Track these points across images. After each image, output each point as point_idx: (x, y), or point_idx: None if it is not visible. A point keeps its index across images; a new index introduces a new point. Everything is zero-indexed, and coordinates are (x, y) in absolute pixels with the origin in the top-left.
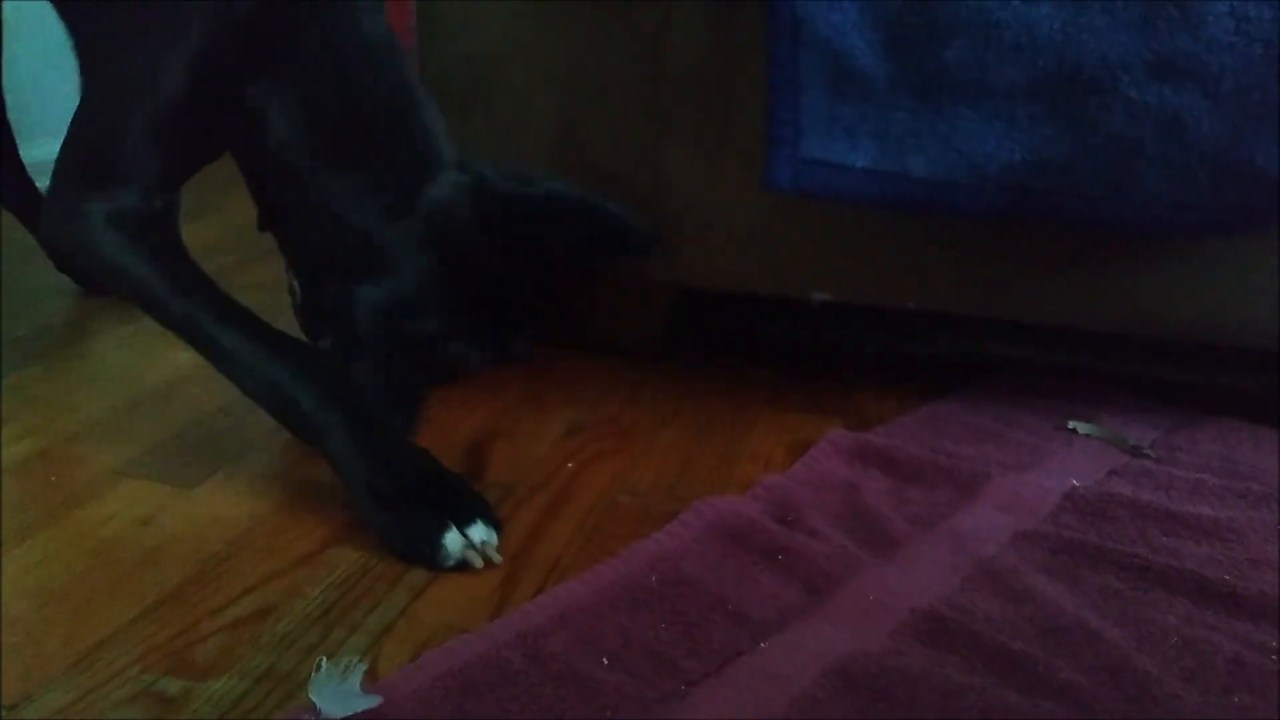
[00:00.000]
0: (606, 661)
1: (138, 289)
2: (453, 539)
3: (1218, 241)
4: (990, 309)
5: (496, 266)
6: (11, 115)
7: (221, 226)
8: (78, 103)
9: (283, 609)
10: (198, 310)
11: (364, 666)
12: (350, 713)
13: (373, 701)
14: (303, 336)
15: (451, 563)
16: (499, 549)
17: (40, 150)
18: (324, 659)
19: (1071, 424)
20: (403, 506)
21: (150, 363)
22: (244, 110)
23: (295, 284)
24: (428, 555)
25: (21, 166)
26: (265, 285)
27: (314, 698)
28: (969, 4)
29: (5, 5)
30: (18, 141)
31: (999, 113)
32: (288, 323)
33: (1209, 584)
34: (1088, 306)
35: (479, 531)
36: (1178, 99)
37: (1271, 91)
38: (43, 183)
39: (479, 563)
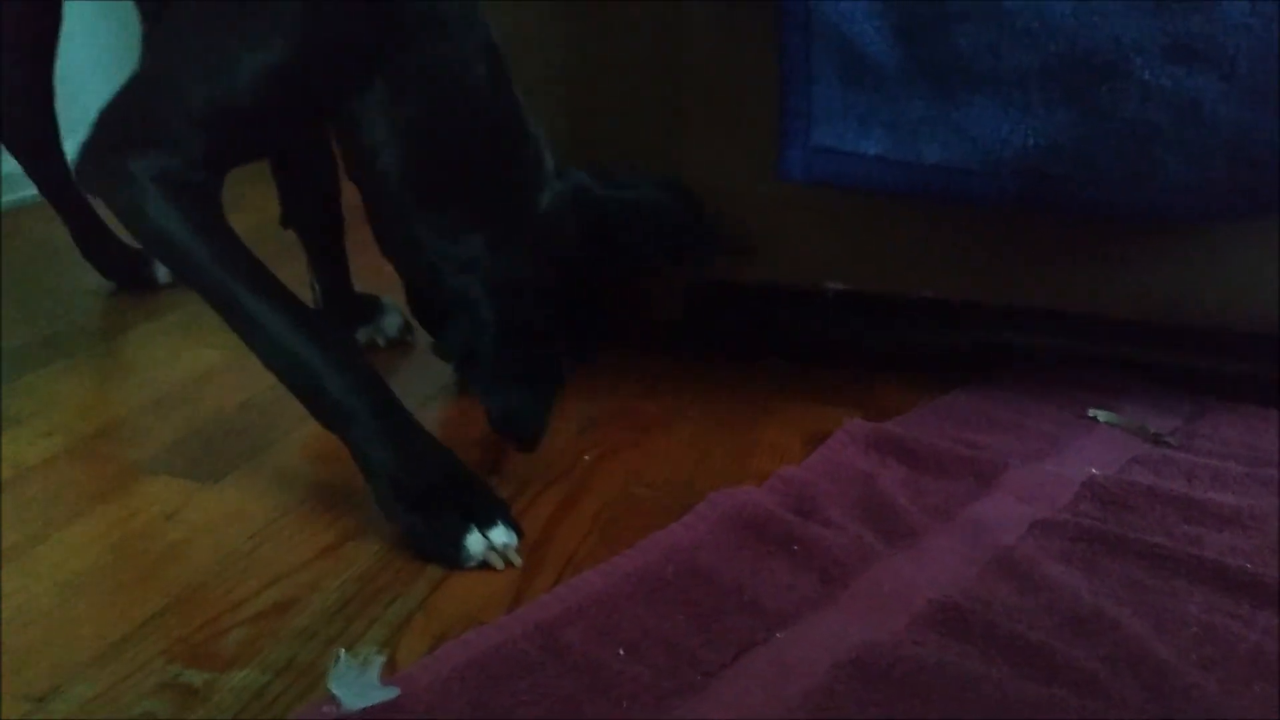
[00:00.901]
0: (623, 652)
1: (178, 252)
2: (475, 540)
3: (1236, 226)
4: (1007, 297)
5: (591, 271)
6: (60, 107)
7: (246, 222)
8: (139, 62)
9: (303, 602)
10: (236, 280)
11: (382, 658)
12: (369, 704)
13: (391, 693)
14: None
15: (473, 564)
16: (519, 550)
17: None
18: (343, 651)
19: (1092, 412)
20: (426, 505)
21: (174, 360)
22: (348, 121)
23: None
24: (450, 555)
25: (64, 160)
26: (288, 281)
27: (333, 689)
28: None
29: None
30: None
31: (1012, 99)
32: None
33: (1230, 572)
34: (1106, 293)
35: (500, 534)
36: (1193, 82)
37: None
38: None
39: (500, 564)
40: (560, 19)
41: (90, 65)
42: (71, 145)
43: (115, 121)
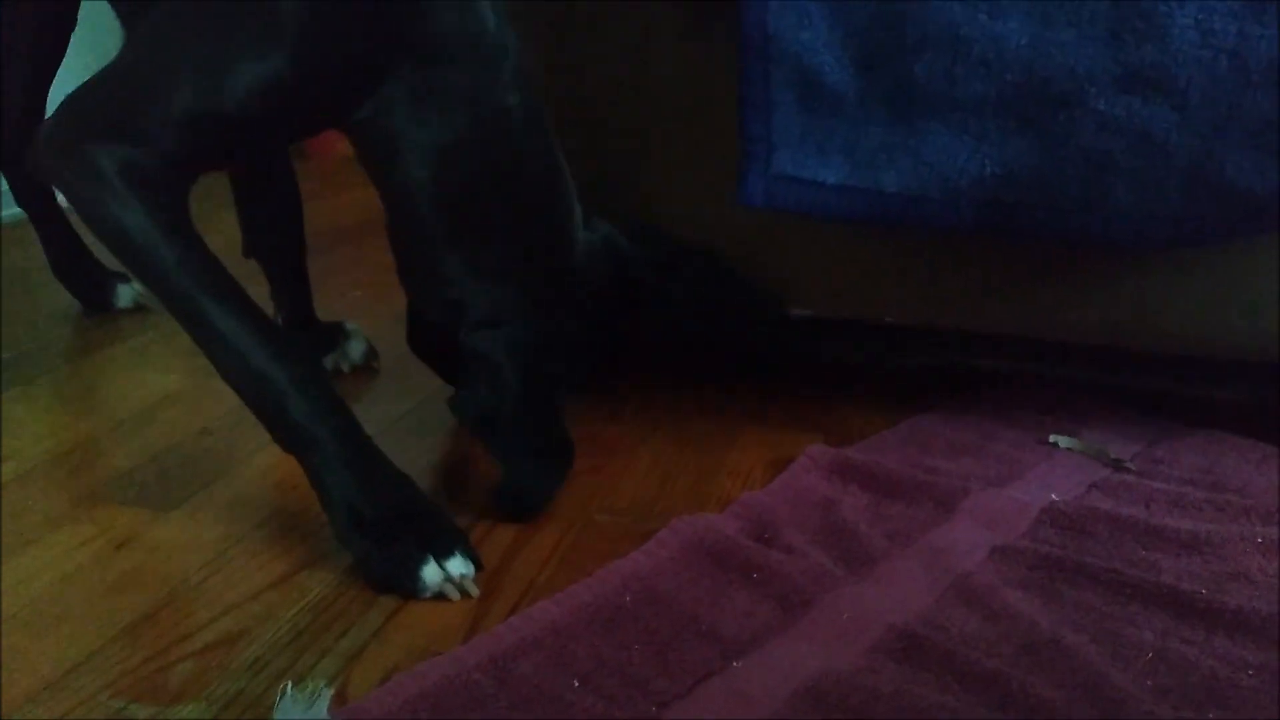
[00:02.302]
0: (577, 683)
1: (139, 252)
2: (430, 571)
3: (1194, 253)
4: (969, 322)
5: (615, 329)
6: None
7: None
8: (120, 51)
9: (254, 633)
10: (201, 289)
11: (330, 691)
12: None
13: None
14: None
15: (428, 594)
16: (476, 580)
17: None
18: (289, 684)
19: (1053, 437)
20: (382, 534)
21: (132, 386)
22: (360, 128)
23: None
24: (405, 585)
25: None
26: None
27: None
28: (937, 19)
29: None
30: None
31: (969, 127)
32: None
33: (1186, 599)
34: (1066, 318)
35: (457, 564)
36: (1146, 111)
37: (1239, 104)
38: None
39: (456, 595)
40: (528, 45)
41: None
42: None
43: (83, 109)
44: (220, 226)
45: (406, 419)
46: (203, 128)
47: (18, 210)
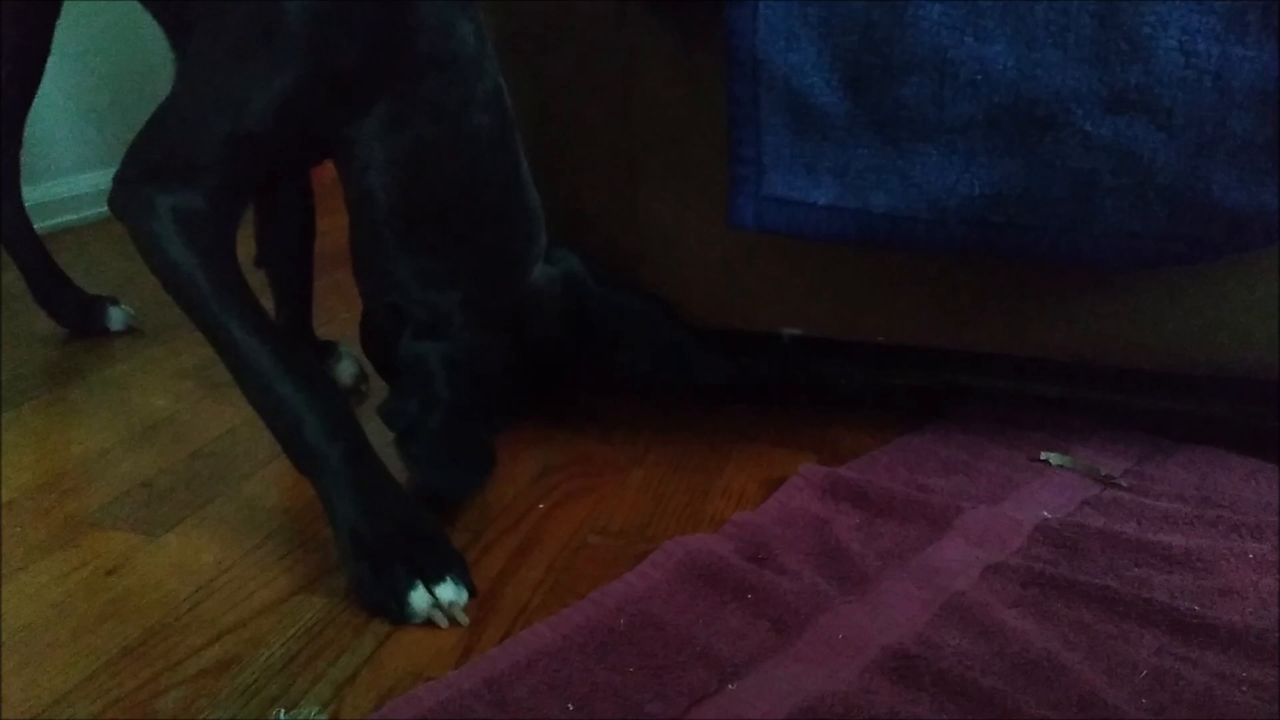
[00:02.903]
0: (572, 707)
1: (183, 286)
2: (419, 596)
3: (1181, 271)
4: (959, 341)
5: (560, 360)
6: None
7: None
8: (168, 96)
9: (246, 659)
10: (231, 317)
11: (324, 717)
12: None
13: None
14: None
15: (417, 620)
16: (467, 608)
17: (42, 192)
18: (281, 711)
19: (1044, 455)
20: (376, 556)
21: (123, 409)
22: (343, 144)
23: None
24: (393, 610)
25: (21, 204)
26: None
27: None
28: (924, 42)
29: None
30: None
31: (957, 148)
32: None
33: (1180, 615)
34: (1055, 337)
35: (448, 591)
36: (1132, 132)
37: (1223, 124)
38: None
39: (444, 622)
40: (519, 74)
41: (54, 113)
42: (30, 190)
43: (141, 154)
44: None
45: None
46: (238, 152)
47: None
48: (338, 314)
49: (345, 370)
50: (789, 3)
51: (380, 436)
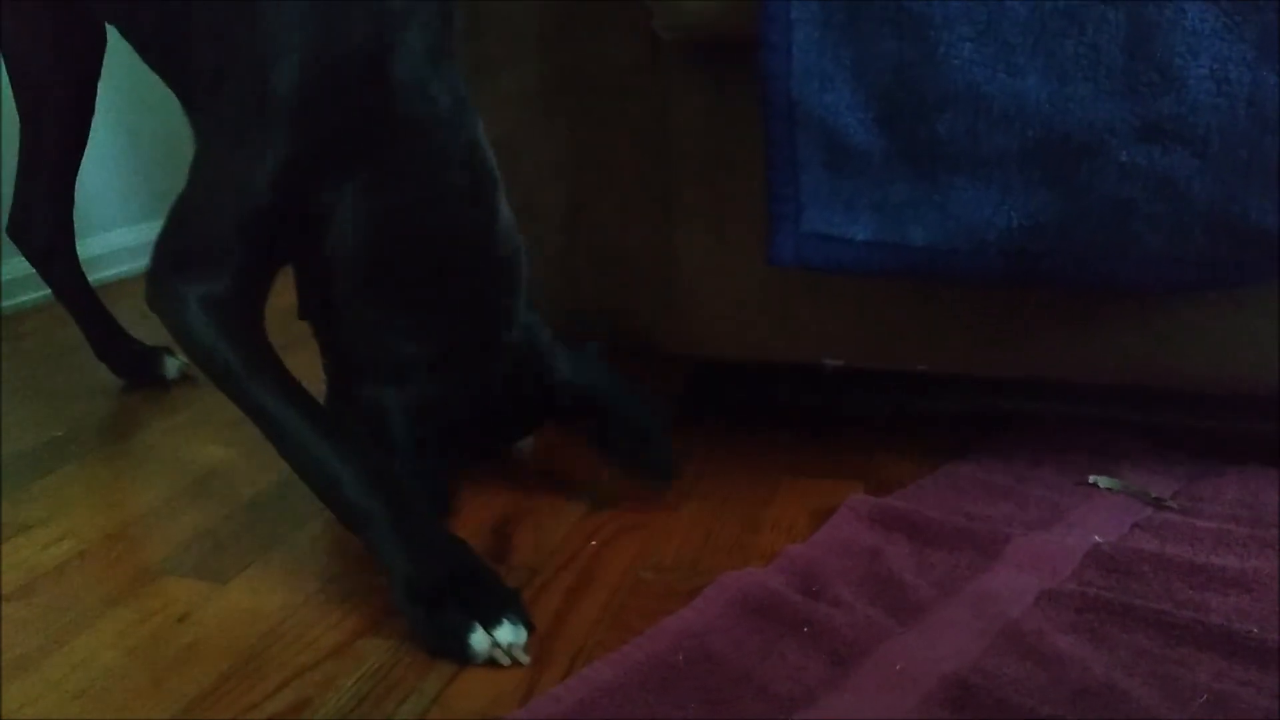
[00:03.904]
0: None
1: (216, 369)
2: (479, 639)
3: (1220, 293)
4: (1000, 368)
5: (522, 404)
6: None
7: (270, 310)
8: (184, 187)
9: (317, 702)
10: (264, 392)
11: None
12: None
13: None
14: None
15: (478, 661)
16: (526, 647)
17: (91, 245)
18: None
19: (1092, 478)
20: (433, 602)
21: (183, 458)
22: (317, 210)
23: (326, 375)
24: (456, 653)
25: (77, 262)
26: (305, 366)
27: None
28: (957, 79)
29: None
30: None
31: (993, 180)
32: None
33: (1237, 638)
34: (1097, 360)
35: (506, 633)
36: (1167, 160)
37: (1258, 149)
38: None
39: (506, 661)
40: (556, 117)
41: (101, 168)
42: (83, 247)
43: (165, 248)
44: (279, 288)
45: (458, 482)
46: (250, 232)
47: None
48: None
49: None
50: (822, 45)
51: None
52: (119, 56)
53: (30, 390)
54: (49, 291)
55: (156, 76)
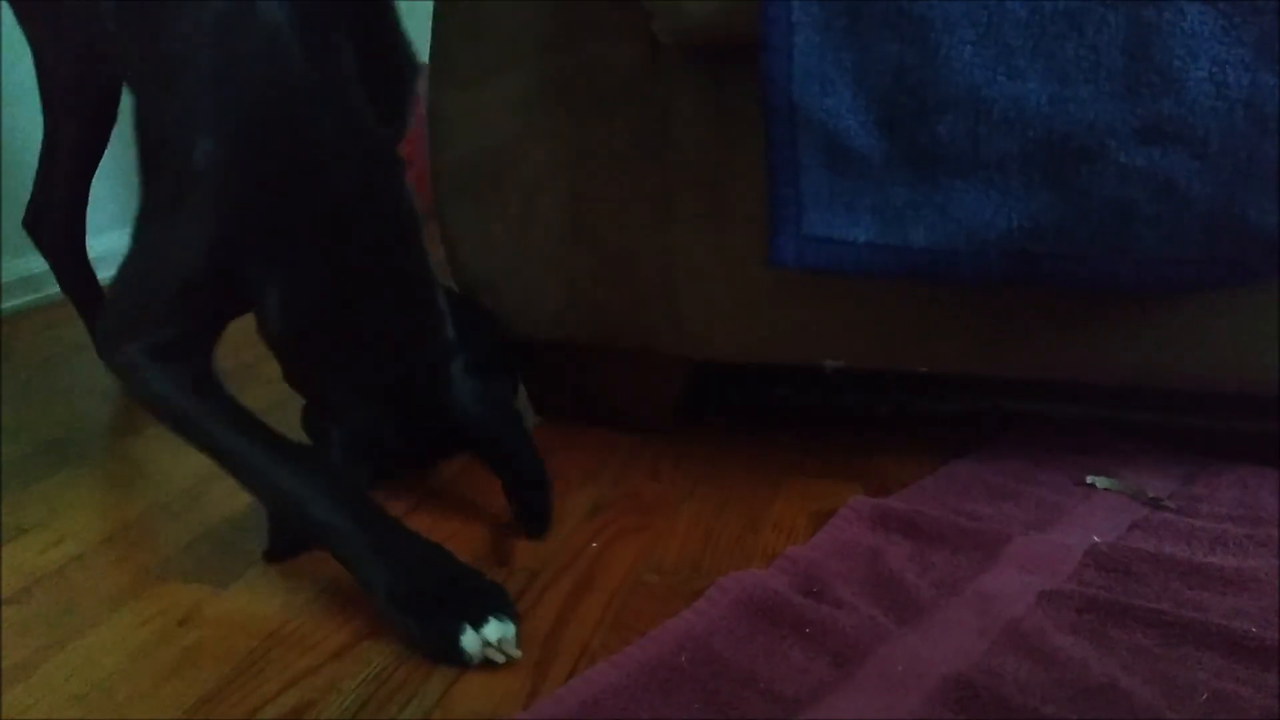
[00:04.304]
0: None
1: (170, 415)
2: (470, 639)
3: (1219, 293)
4: (1000, 368)
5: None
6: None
7: (245, 323)
8: (127, 253)
9: (320, 705)
10: (217, 429)
11: None
12: None
13: None
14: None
15: (475, 662)
16: (518, 641)
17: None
18: None
19: (1090, 478)
20: (419, 609)
21: (181, 462)
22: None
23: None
24: (450, 656)
25: (87, 261)
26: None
27: None
28: (957, 82)
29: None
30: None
31: (993, 182)
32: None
33: (1237, 637)
34: (1096, 360)
35: (494, 630)
36: (1167, 161)
37: (1257, 150)
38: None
39: (500, 659)
40: (555, 118)
41: (105, 173)
42: (95, 244)
43: (113, 309)
44: None
45: (450, 486)
46: (191, 302)
47: (54, 291)
48: None
49: None
50: (823, 48)
51: (417, 494)
52: None
53: (29, 393)
54: (47, 294)
55: None
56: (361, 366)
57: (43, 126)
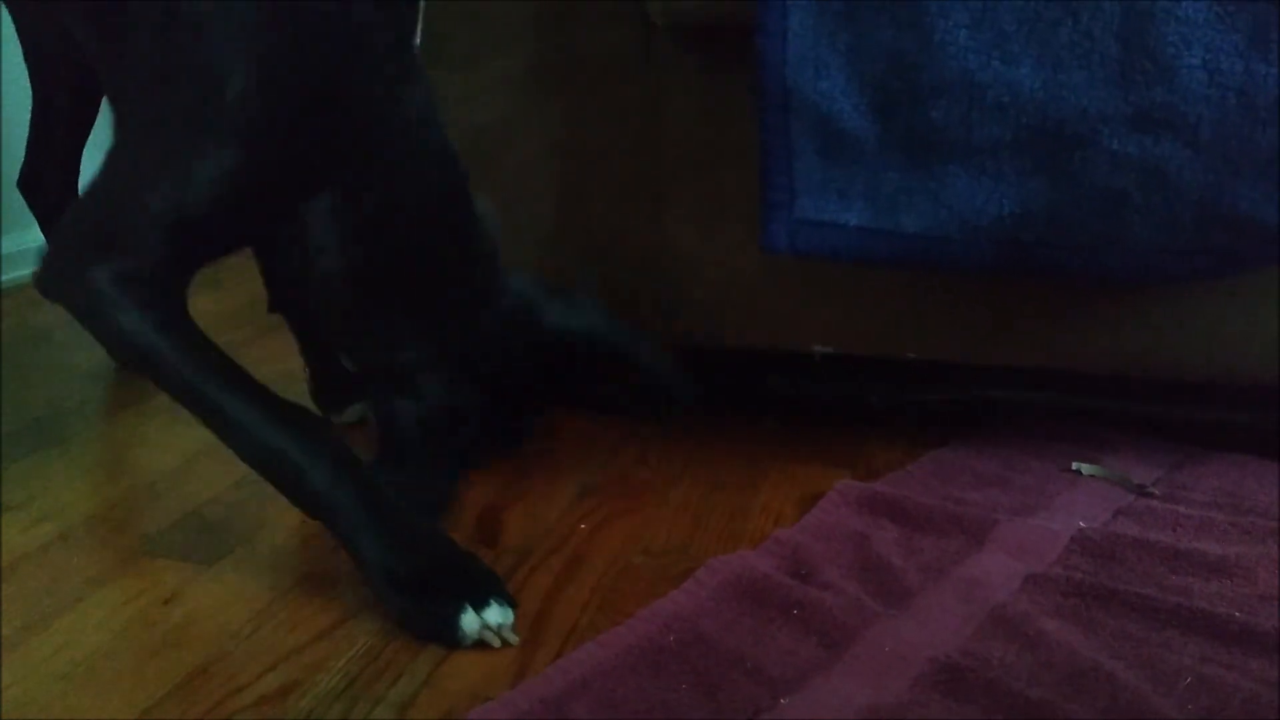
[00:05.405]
0: None
1: (144, 354)
2: (469, 620)
3: (1208, 283)
4: (988, 356)
5: (526, 390)
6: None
7: (235, 299)
8: (101, 167)
9: (306, 684)
10: (205, 377)
11: None
12: None
13: None
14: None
15: (468, 643)
16: (514, 627)
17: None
18: None
19: (1075, 465)
20: (417, 588)
21: (167, 440)
22: (292, 222)
23: (306, 365)
24: (445, 637)
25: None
26: (278, 357)
27: None
28: (951, 66)
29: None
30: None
31: (986, 168)
32: (300, 397)
33: (1220, 622)
34: (1084, 349)
35: (495, 613)
36: (1159, 149)
37: (1249, 139)
38: None
39: (496, 643)
40: (549, 101)
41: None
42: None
43: (75, 230)
44: (246, 280)
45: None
46: (178, 232)
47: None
48: None
49: None
50: (818, 31)
51: None
52: None
53: (16, 370)
54: (29, 272)
55: None
56: (435, 319)
57: (31, 92)
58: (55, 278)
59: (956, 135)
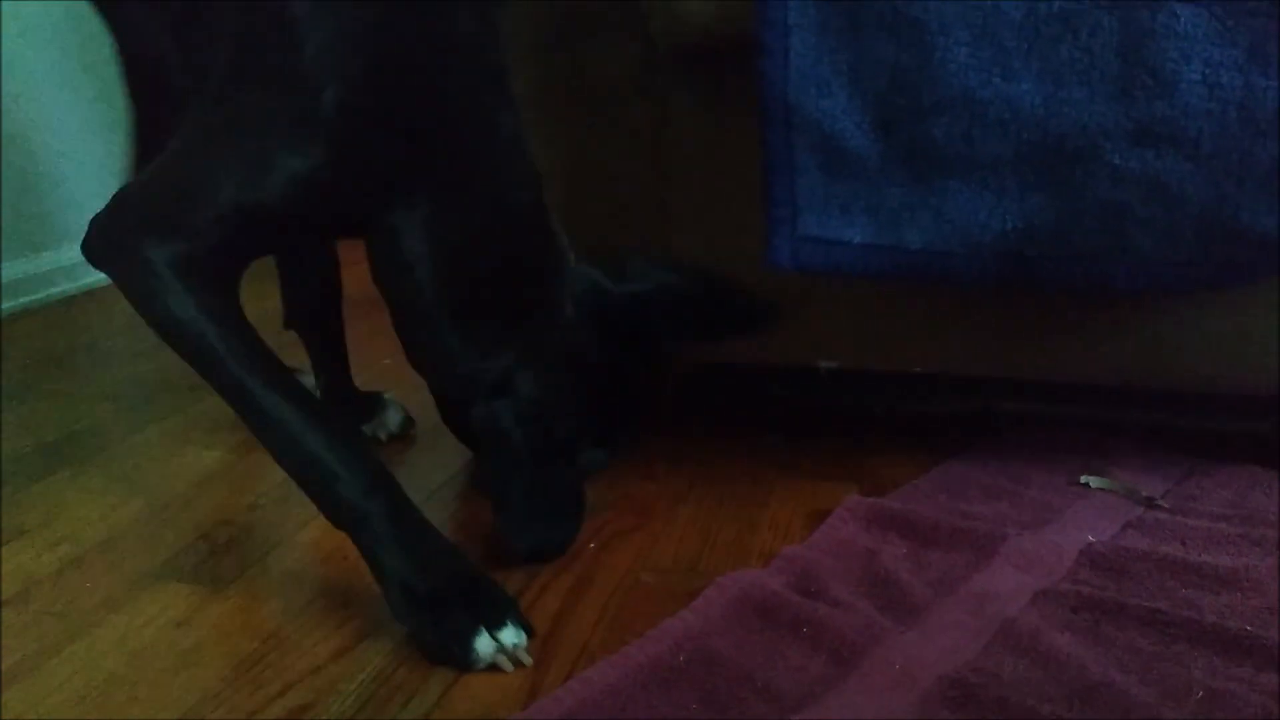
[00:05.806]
0: None
1: (191, 341)
2: (483, 642)
3: (1211, 294)
4: (994, 368)
5: (615, 368)
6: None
7: (247, 314)
8: (170, 146)
9: (319, 706)
10: (250, 372)
11: None
12: None
13: None
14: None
15: (482, 665)
16: (528, 649)
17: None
18: None
19: (1084, 478)
20: (434, 607)
21: (177, 464)
22: (383, 232)
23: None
24: (459, 658)
25: None
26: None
27: None
28: (952, 83)
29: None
30: None
31: (988, 184)
32: None
33: (1231, 635)
34: (1088, 360)
35: (509, 635)
36: (1160, 163)
37: (1249, 152)
38: None
39: (509, 666)
40: (554, 123)
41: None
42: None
43: (135, 204)
44: (261, 296)
45: (448, 485)
46: (246, 221)
47: (54, 291)
48: (376, 360)
49: (392, 419)
50: (819, 49)
51: (416, 492)
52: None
53: (27, 394)
54: (47, 294)
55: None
56: (523, 324)
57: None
58: (109, 247)
59: (958, 151)
